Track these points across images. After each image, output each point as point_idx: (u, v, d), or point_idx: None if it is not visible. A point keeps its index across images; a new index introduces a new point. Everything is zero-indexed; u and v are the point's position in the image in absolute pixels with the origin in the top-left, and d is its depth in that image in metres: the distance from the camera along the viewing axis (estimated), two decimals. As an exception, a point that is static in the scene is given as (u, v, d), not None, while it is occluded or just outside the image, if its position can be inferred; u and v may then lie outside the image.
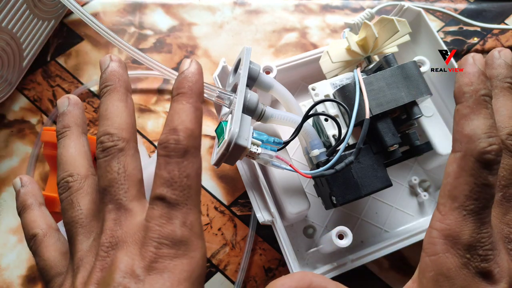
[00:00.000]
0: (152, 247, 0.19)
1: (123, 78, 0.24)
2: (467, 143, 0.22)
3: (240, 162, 0.34)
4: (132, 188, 0.21)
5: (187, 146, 0.20)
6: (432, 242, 0.23)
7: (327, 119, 0.32)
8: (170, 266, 0.19)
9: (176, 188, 0.20)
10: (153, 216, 0.20)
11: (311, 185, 0.37)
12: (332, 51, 0.34)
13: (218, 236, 0.39)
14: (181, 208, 0.20)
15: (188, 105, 0.21)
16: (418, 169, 0.40)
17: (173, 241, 0.20)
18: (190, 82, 0.22)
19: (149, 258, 0.19)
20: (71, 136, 0.25)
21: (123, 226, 0.20)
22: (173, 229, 0.20)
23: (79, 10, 0.39)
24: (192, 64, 0.23)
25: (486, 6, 0.50)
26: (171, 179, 0.20)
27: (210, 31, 0.47)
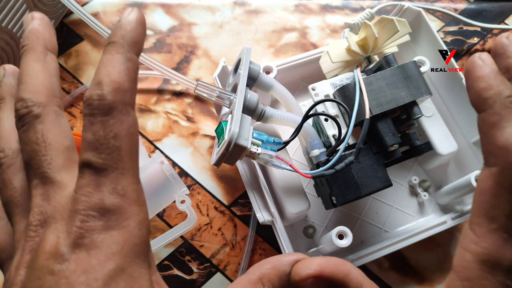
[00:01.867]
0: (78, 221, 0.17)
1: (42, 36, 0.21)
2: (504, 156, 0.19)
3: (240, 162, 0.34)
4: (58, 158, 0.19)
5: (113, 102, 0.18)
6: (465, 266, 0.20)
7: (327, 119, 0.32)
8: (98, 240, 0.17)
9: (102, 151, 0.18)
10: (80, 186, 0.18)
11: (311, 185, 0.37)
12: (332, 51, 0.34)
13: (218, 236, 0.39)
14: (110, 173, 0.18)
15: (118, 56, 0.19)
16: (418, 169, 0.40)
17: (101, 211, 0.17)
18: (123, 31, 0.19)
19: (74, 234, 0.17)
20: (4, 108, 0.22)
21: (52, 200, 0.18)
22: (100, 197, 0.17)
23: (79, 10, 0.39)
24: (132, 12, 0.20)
25: (486, 6, 0.50)
26: (96, 141, 0.18)
27: (210, 31, 0.47)
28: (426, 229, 0.35)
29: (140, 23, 0.20)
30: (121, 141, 0.18)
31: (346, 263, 0.20)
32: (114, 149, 0.18)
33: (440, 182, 0.40)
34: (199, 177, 0.41)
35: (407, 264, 0.39)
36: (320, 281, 0.20)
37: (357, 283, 0.20)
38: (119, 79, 0.18)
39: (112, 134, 0.18)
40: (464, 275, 0.21)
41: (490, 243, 0.20)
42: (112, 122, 0.18)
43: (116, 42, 0.19)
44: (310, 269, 0.20)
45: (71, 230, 0.17)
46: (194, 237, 0.39)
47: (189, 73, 0.45)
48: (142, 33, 0.20)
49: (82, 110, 0.18)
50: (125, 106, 0.18)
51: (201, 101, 0.44)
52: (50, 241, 0.17)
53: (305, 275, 0.20)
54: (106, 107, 0.18)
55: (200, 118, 0.43)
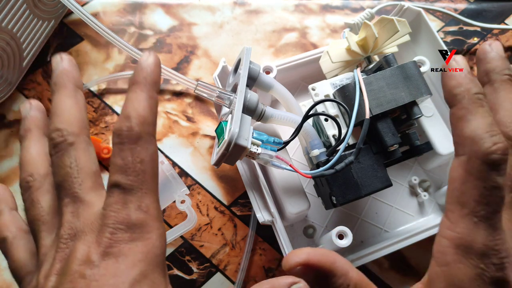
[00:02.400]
0: (108, 233, 0.19)
1: (72, 75, 0.24)
2: (470, 145, 0.21)
3: (240, 162, 0.34)
4: (87, 180, 0.22)
5: (140, 132, 0.21)
6: (442, 252, 0.22)
7: (327, 119, 0.32)
8: (125, 249, 0.19)
9: (130, 174, 0.20)
10: (109, 204, 0.20)
11: (311, 185, 0.37)
12: (332, 51, 0.34)
13: (218, 236, 0.39)
14: (135, 193, 0.20)
15: (142, 93, 0.22)
16: (418, 169, 0.40)
17: (128, 225, 0.20)
18: (145, 73, 0.22)
19: (104, 244, 0.19)
20: (31, 137, 0.25)
21: (81, 217, 0.21)
22: (127, 213, 0.20)
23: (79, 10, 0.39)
24: (150, 56, 0.23)
25: (486, 6, 0.50)
26: (125, 165, 0.20)
27: (210, 31, 0.47)
28: (426, 229, 0.35)
29: (158, 66, 0.23)
30: (146, 165, 0.21)
31: (332, 253, 0.22)
32: (140, 172, 0.21)
33: (440, 182, 0.40)
34: (199, 177, 0.41)
35: (407, 264, 0.39)
36: (308, 269, 0.21)
37: (343, 270, 0.21)
38: (144, 114, 0.21)
39: (139, 159, 0.21)
40: (441, 261, 0.22)
41: (462, 227, 0.21)
42: (139, 150, 0.21)
43: (140, 82, 0.22)
44: (298, 258, 0.21)
45: (101, 241, 0.19)
46: (194, 237, 0.39)
47: (189, 73, 0.45)
48: (159, 73, 0.23)
49: (112, 141, 0.21)
50: (149, 136, 0.21)
51: (201, 101, 0.44)
52: (81, 250, 0.20)
53: (294, 263, 0.21)
54: (134, 136, 0.21)
55: (200, 118, 0.43)
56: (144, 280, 0.19)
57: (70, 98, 0.23)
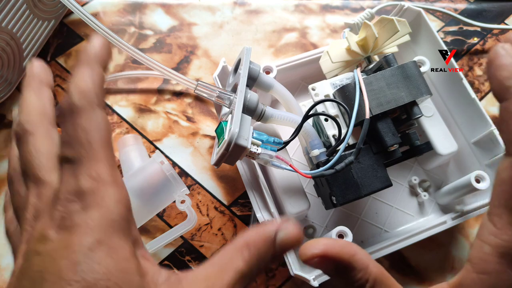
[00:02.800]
0: (60, 205, 0.19)
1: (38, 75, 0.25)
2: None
3: (240, 162, 0.34)
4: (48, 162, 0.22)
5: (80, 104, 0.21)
6: (483, 259, 0.20)
7: (327, 119, 0.32)
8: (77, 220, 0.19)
9: (74, 145, 0.20)
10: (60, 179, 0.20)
11: (311, 185, 0.37)
12: (332, 51, 0.34)
13: (218, 236, 0.39)
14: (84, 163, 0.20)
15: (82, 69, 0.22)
16: (418, 169, 0.40)
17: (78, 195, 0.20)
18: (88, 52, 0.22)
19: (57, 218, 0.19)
20: None
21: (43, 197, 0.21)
22: (76, 183, 0.20)
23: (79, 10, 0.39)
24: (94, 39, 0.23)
25: (486, 6, 0.50)
26: (69, 137, 0.20)
27: (210, 31, 0.47)
28: (426, 229, 0.35)
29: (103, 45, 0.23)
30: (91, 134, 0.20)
31: (352, 244, 0.21)
32: (85, 142, 0.20)
33: (440, 182, 0.40)
34: (199, 177, 0.41)
35: (407, 264, 0.39)
36: (327, 261, 0.20)
37: (363, 264, 0.21)
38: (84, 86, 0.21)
39: (81, 129, 0.20)
40: (481, 268, 0.20)
41: (510, 235, 0.20)
42: (80, 120, 0.20)
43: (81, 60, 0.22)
44: (316, 249, 0.20)
45: (54, 215, 0.19)
46: (194, 237, 0.39)
47: (189, 73, 0.45)
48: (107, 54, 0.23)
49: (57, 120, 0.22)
50: (91, 106, 0.21)
51: (201, 101, 0.44)
52: (38, 229, 0.20)
53: (311, 255, 0.20)
54: (74, 109, 0.21)
55: (200, 118, 0.43)
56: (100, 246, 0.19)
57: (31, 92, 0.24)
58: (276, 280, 0.38)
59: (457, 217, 0.35)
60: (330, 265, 0.21)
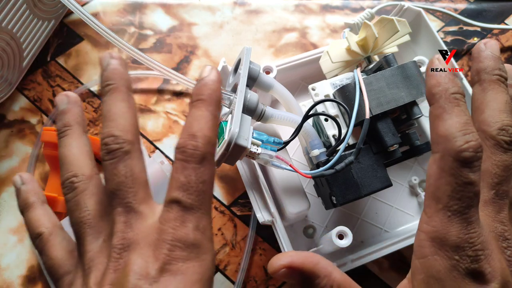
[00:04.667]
0: (166, 249, 0.20)
1: (125, 77, 0.24)
2: (443, 143, 0.22)
3: (240, 162, 0.34)
4: (140, 191, 0.22)
5: (205, 153, 0.21)
6: (420, 245, 0.22)
7: (327, 119, 0.32)
8: (183, 268, 0.20)
9: (192, 193, 0.20)
10: (167, 219, 0.20)
11: (311, 185, 0.37)
12: (332, 51, 0.34)
13: (218, 236, 0.39)
14: (195, 213, 0.20)
15: (207, 113, 0.22)
16: (418, 169, 0.41)
17: (186, 244, 0.20)
18: (210, 90, 0.22)
19: (162, 260, 0.19)
20: (72, 135, 0.25)
21: (134, 228, 0.21)
22: (186, 232, 0.20)
23: (79, 10, 0.39)
24: (212, 71, 0.23)
25: (486, 6, 0.50)
26: (188, 183, 0.20)
27: (210, 31, 0.47)
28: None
29: (220, 83, 0.23)
30: (207, 186, 0.21)
31: (315, 255, 0.23)
32: (201, 192, 0.21)
33: (440, 182, 0.40)
34: (199, 177, 0.41)
35: (407, 264, 0.39)
36: (292, 272, 0.22)
37: (326, 271, 0.22)
38: (210, 134, 0.21)
39: (202, 179, 0.21)
40: (420, 253, 0.23)
41: (437, 221, 0.22)
42: (203, 170, 0.21)
43: (205, 100, 0.22)
44: (282, 261, 0.22)
45: (159, 256, 0.20)
46: (194, 237, 0.39)
47: (189, 73, 0.45)
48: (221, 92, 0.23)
49: (175, 156, 0.21)
50: (212, 157, 0.21)
51: (201, 101, 0.44)
52: (138, 263, 0.20)
53: (278, 266, 0.22)
54: (199, 156, 0.21)
55: (200, 118, 0.43)
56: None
57: (124, 102, 0.23)
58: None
59: (457, 217, 0.35)
60: (295, 275, 0.22)
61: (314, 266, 0.22)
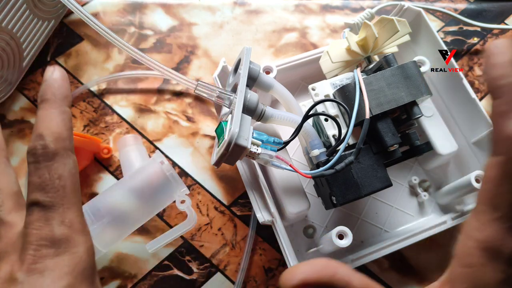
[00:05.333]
0: (31, 250, 0.20)
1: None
2: (510, 145, 0.19)
3: (240, 162, 0.34)
4: (8, 201, 0.22)
5: (56, 149, 0.21)
6: (467, 253, 0.21)
7: (327, 119, 0.32)
8: (50, 264, 0.19)
9: (48, 191, 0.20)
10: (30, 222, 0.20)
11: (311, 185, 0.37)
12: (332, 51, 0.34)
13: (218, 236, 0.39)
14: (57, 209, 0.20)
15: (52, 110, 0.22)
16: (418, 169, 0.40)
17: (52, 241, 0.20)
18: (53, 88, 0.22)
19: (28, 261, 0.19)
20: None
21: (4, 238, 0.21)
22: (50, 229, 0.20)
23: (79, 10, 0.39)
24: (55, 71, 0.23)
25: (486, 6, 0.50)
26: (43, 182, 0.20)
27: (210, 31, 0.47)
28: (426, 229, 0.35)
29: (65, 79, 0.23)
30: (65, 180, 0.21)
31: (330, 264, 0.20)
32: (60, 188, 0.21)
33: (440, 182, 0.40)
34: (199, 177, 0.41)
35: (407, 264, 0.39)
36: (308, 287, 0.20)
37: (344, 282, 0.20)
38: (58, 130, 0.21)
39: (57, 175, 0.21)
40: (465, 262, 0.21)
41: (492, 231, 0.20)
42: (56, 166, 0.21)
43: (49, 100, 0.22)
44: (295, 279, 0.20)
45: (24, 258, 0.20)
46: (194, 237, 0.39)
47: (189, 73, 0.45)
48: (68, 88, 0.23)
49: (27, 161, 0.21)
50: (65, 151, 0.21)
51: (201, 101, 0.44)
52: (4, 270, 0.20)
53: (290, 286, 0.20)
54: (50, 154, 0.21)
55: (200, 118, 0.43)
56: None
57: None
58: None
59: (457, 217, 0.35)
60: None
61: (331, 278, 0.20)
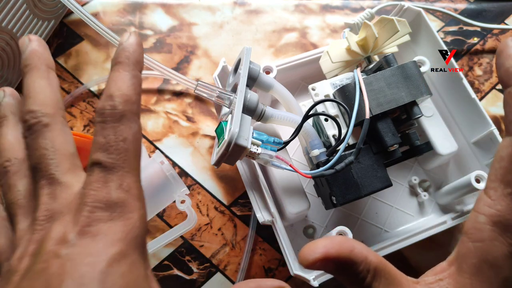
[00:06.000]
0: (86, 211, 0.19)
1: (43, 56, 0.24)
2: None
3: (240, 162, 0.34)
4: (64, 161, 0.21)
5: (124, 111, 0.21)
6: (478, 228, 0.22)
7: (327, 119, 0.32)
8: (103, 228, 0.19)
9: (112, 152, 0.20)
10: (89, 182, 0.20)
11: (311, 185, 0.37)
12: (332, 51, 0.34)
13: (218, 236, 0.39)
14: (117, 171, 0.20)
15: (125, 73, 0.22)
16: (418, 169, 0.40)
17: (108, 204, 0.19)
18: (127, 52, 0.22)
19: (82, 223, 0.19)
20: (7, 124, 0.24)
21: (58, 198, 0.20)
22: (108, 191, 0.19)
23: (79, 10, 0.39)
24: (131, 36, 0.23)
25: (486, 6, 0.50)
26: (107, 143, 0.20)
27: (210, 31, 0.47)
28: (426, 229, 0.35)
29: (140, 45, 0.23)
30: (129, 144, 0.20)
31: (348, 240, 0.22)
32: (123, 151, 0.20)
33: (440, 182, 0.40)
34: (199, 177, 0.41)
35: (407, 264, 0.39)
36: (327, 262, 0.21)
37: (361, 256, 0.21)
38: (128, 92, 0.21)
39: (122, 137, 0.20)
40: (476, 237, 0.22)
41: (503, 205, 0.21)
42: (122, 128, 0.20)
43: (123, 62, 0.22)
44: (316, 253, 0.21)
45: (78, 220, 0.19)
46: (194, 237, 0.39)
47: (189, 73, 0.45)
48: (142, 53, 0.23)
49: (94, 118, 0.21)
50: (133, 115, 0.21)
51: (201, 101, 0.44)
52: (57, 230, 0.19)
53: (313, 259, 0.21)
54: (118, 115, 0.20)
55: (200, 118, 0.43)
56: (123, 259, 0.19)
57: (43, 79, 0.23)
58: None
59: (457, 217, 0.35)
60: (330, 264, 0.21)
61: (350, 253, 0.21)
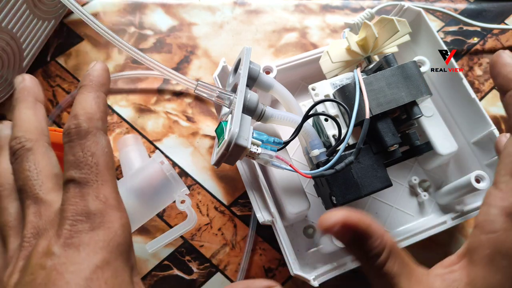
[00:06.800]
0: (68, 225, 0.20)
1: (32, 90, 0.26)
2: None
3: (240, 162, 0.34)
4: (48, 182, 0.22)
5: (88, 128, 0.22)
6: (491, 219, 0.22)
7: (327, 119, 0.32)
8: (85, 238, 0.20)
9: (83, 167, 0.21)
10: (66, 198, 0.21)
11: (311, 185, 0.37)
12: (332, 51, 0.34)
13: (218, 236, 0.39)
14: (91, 185, 0.21)
15: (89, 94, 0.23)
16: (418, 169, 0.40)
17: (87, 215, 0.20)
18: (91, 76, 0.24)
19: (64, 236, 0.20)
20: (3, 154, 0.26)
21: (43, 216, 0.21)
22: (85, 204, 0.21)
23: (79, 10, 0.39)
24: (96, 63, 0.25)
25: (486, 6, 0.50)
26: (77, 160, 0.21)
27: (210, 31, 0.47)
28: (426, 229, 0.35)
29: (105, 70, 0.25)
30: (98, 158, 0.22)
31: (368, 216, 0.22)
32: (93, 165, 0.21)
33: (440, 182, 0.40)
34: (199, 177, 0.41)
35: (407, 264, 0.39)
36: (346, 230, 0.21)
37: (379, 232, 0.22)
38: (91, 111, 0.23)
39: (90, 153, 0.21)
40: (489, 228, 0.22)
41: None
42: (89, 144, 0.22)
43: (86, 85, 0.24)
44: (337, 217, 0.21)
45: (61, 233, 0.20)
46: (194, 237, 0.39)
47: (189, 73, 0.45)
48: (107, 77, 0.25)
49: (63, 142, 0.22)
50: (97, 130, 0.22)
51: (201, 101, 0.44)
52: (42, 245, 0.20)
53: (332, 223, 0.21)
54: (83, 132, 0.22)
55: (200, 118, 0.43)
56: (107, 266, 0.20)
57: (29, 109, 0.25)
58: (276, 280, 0.38)
59: (457, 217, 0.35)
60: (348, 233, 0.21)
61: (368, 226, 0.21)
